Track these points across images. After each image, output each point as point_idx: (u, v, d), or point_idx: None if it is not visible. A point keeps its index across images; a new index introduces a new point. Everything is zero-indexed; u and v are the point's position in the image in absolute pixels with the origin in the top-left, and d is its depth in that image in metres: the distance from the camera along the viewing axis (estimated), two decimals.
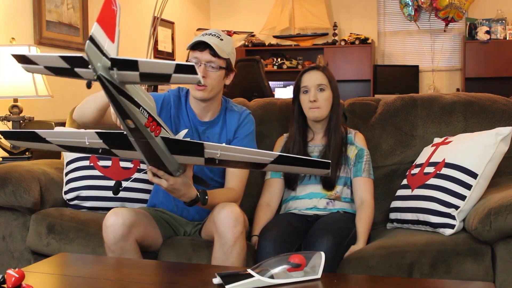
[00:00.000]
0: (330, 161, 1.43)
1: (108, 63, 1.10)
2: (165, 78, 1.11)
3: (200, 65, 1.95)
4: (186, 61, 2.01)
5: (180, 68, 1.07)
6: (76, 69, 1.12)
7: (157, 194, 2.15)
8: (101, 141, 1.43)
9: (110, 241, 1.78)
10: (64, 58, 1.09)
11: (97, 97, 1.80)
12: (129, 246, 1.80)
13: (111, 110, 1.70)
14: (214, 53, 1.94)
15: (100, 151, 1.47)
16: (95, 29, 1.08)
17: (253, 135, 2.12)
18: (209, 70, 1.96)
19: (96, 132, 1.42)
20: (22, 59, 1.15)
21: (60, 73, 1.17)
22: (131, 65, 1.10)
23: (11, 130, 1.54)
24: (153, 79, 1.16)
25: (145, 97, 1.31)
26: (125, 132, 1.37)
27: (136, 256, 1.83)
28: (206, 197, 1.70)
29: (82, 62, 1.08)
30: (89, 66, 1.10)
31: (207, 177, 2.07)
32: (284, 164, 1.44)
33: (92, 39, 1.06)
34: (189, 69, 1.08)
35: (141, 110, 1.27)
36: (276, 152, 1.41)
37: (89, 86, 1.14)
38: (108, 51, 1.11)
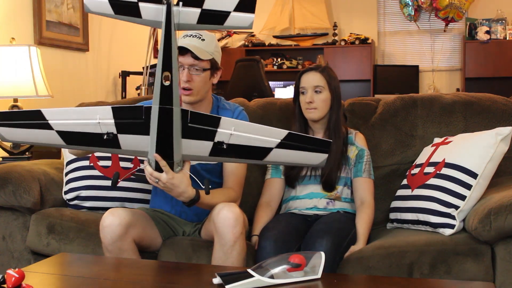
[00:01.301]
0: (331, 140, 1.44)
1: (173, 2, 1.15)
2: (221, 19, 1.16)
3: (183, 69, 1.93)
4: None
5: (241, 3, 1.14)
6: (141, 4, 1.15)
7: (155, 197, 2.15)
8: (112, 121, 1.41)
9: (108, 241, 1.78)
10: None
11: None
12: (127, 246, 1.80)
13: None
14: (196, 57, 1.91)
15: (105, 136, 1.43)
16: None
17: None
18: (193, 73, 1.93)
19: (112, 107, 1.40)
20: None
21: (122, 10, 1.18)
22: None
23: (11, 111, 1.48)
24: (210, 20, 1.20)
25: None
26: (145, 105, 1.37)
27: (134, 256, 1.82)
28: (210, 186, 1.68)
29: None
30: None
31: (204, 178, 2.06)
32: (288, 148, 1.45)
33: None
34: (250, 5, 1.14)
35: (177, 69, 1.31)
36: (285, 130, 1.42)
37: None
38: None
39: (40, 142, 1.48)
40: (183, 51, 1.90)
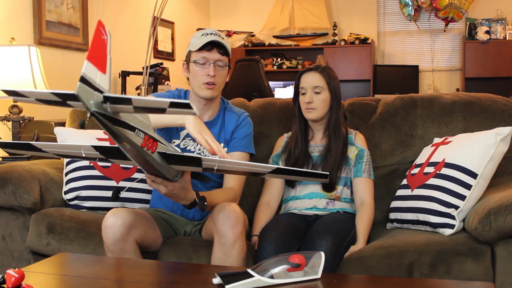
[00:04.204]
0: (328, 173, 1.44)
1: (101, 97, 1.10)
2: (160, 111, 1.12)
3: (209, 65, 1.97)
4: (187, 61, 2.02)
5: (174, 105, 1.08)
6: (69, 102, 1.12)
7: (157, 194, 2.15)
8: (97, 153, 1.45)
9: (110, 241, 1.78)
10: (56, 94, 1.09)
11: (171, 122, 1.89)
12: (129, 246, 1.80)
13: None
14: (223, 52, 1.98)
15: (97, 159, 1.50)
16: (85, 68, 1.08)
17: (251, 137, 2.13)
18: (218, 68, 2.00)
19: (92, 145, 1.44)
20: (13, 94, 1.15)
21: (52, 104, 1.17)
22: (125, 101, 1.11)
23: (7, 141, 1.54)
24: (148, 111, 1.17)
25: (139, 116, 1.32)
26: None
27: (136, 256, 1.83)
28: (205, 203, 1.71)
29: (74, 98, 1.08)
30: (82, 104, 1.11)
31: (204, 179, 2.07)
32: (282, 174, 1.47)
33: (83, 79, 1.06)
34: (184, 105, 1.08)
35: (137, 132, 1.29)
36: (273, 165, 1.44)
37: (82, 126, 1.16)
38: (101, 84, 1.11)
39: (44, 157, 1.58)
40: (209, 46, 1.97)
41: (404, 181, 2.19)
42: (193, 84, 2.04)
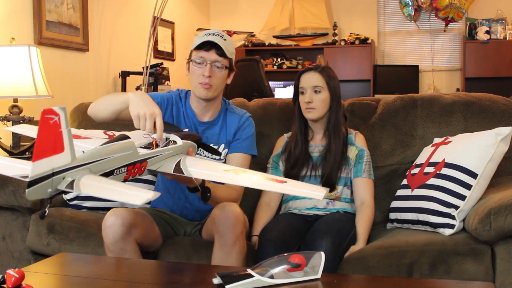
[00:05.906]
0: (328, 188, 1.39)
1: (63, 176, 1.08)
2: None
3: (206, 65, 1.96)
4: (189, 61, 2.02)
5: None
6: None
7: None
8: None
9: (110, 241, 1.78)
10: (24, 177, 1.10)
11: (114, 103, 1.80)
12: (129, 246, 1.80)
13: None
14: (220, 53, 1.95)
15: None
16: (33, 171, 1.04)
17: (253, 138, 2.13)
18: (215, 69, 1.97)
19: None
20: None
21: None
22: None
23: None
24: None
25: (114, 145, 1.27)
26: None
27: (136, 256, 1.82)
28: (209, 194, 1.69)
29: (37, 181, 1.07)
30: None
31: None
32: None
33: (30, 184, 1.03)
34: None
35: (116, 172, 1.26)
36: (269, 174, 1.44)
37: (42, 217, 1.18)
38: (59, 164, 1.08)
39: None
40: (208, 46, 1.94)
41: (404, 181, 2.19)
42: (191, 83, 2.04)
